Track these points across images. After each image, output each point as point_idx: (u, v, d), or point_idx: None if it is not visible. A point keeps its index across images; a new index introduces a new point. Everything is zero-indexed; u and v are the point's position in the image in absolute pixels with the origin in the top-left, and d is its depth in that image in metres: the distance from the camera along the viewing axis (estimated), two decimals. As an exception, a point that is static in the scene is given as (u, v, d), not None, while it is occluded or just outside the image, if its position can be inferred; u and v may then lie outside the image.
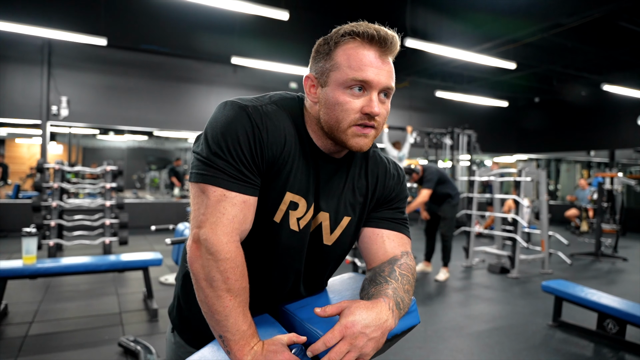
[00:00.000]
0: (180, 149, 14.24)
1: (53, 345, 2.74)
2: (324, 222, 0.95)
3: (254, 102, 0.86)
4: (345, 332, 0.74)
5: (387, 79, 0.84)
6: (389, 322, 0.79)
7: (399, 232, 1.01)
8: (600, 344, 3.02)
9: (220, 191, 0.80)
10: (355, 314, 0.76)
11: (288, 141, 0.87)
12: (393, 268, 0.92)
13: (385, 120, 0.89)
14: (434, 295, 4.24)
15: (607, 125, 11.24)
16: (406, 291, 0.88)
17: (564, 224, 10.36)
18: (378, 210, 1.01)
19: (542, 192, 5.56)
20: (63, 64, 7.68)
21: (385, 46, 0.83)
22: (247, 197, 0.82)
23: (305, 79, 0.91)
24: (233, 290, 0.79)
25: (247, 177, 0.82)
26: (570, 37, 7.56)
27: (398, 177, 1.04)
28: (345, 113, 0.84)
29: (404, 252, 0.98)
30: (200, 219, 0.80)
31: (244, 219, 0.82)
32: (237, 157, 0.80)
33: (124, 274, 4.55)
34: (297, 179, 0.89)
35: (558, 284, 3.38)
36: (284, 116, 0.88)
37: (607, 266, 5.92)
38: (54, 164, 5.35)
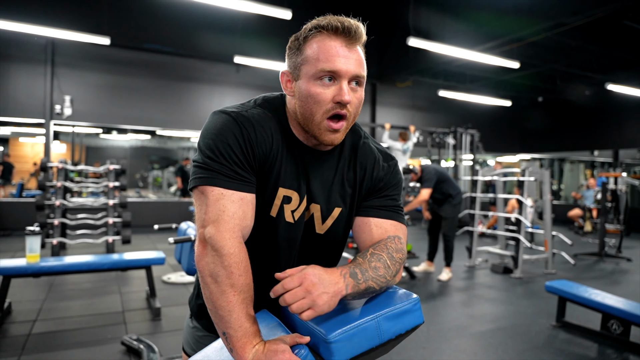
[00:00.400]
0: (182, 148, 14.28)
1: (56, 344, 2.74)
2: (316, 214, 0.99)
3: (239, 109, 0.93)
4: (304, 279, 0.79)
5: (355, 67, 0.87)
6: (339, 285, 0.82)
7: (388, 219, 1.01)
8: (604, 345, 3.00)
9: (218, 190, 0.85)
10: (315, 269, 0.81)
11: (275, 139, 0.92)
12: (367, 249, 0.93)
13: (357, 109, 0.91)
14: (437, 295, 4.23)
15: (611, 125, 11.20)
16: (373, 267, 0.89)
17: (567, 224, 10.32)
18: (368, 199, 1.03)
19: (546, 192, 5.54)
20: (66, 63, 7.70)
21: (349, 35, 0.86)
22: (244, 194, 0.87)
23: (281, 75, 0.96)
24: (236, 286, 0.82)
25: (242, 175, 0.87)
26: (574, 36, 7.54)
27: (388, 167, 1.04)
28: (317, 105, 0.88)
29: (390, 236, 0.98)
30: (203, 218, 0.85)
31: (243, 215, 0.86)
32: (229, 158, 0.86)
33: (126, 273, 4.55)
34: (287, 174, 0.94)
35: (562, 284, 3.36)
36: (269, 117, 0.94)
37: (611, 266, 5.89)
38: (58, 163, 5.37)
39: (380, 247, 0.94)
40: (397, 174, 1.06)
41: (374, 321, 0.88)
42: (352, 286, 0.85)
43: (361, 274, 0.87)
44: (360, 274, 0.87)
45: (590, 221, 9.11)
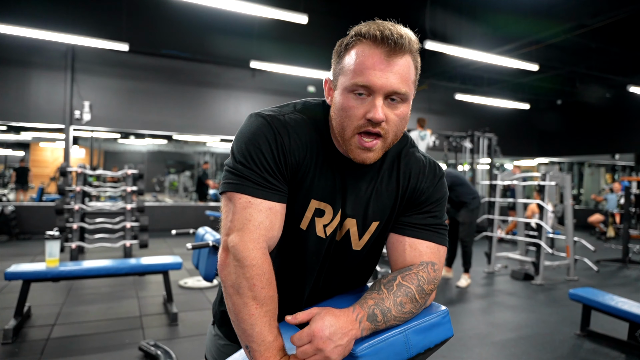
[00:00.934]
0: (198, 153, 14.40)
1: (75, 348, 2.76)
2: (352, 229, 0.93)
3: (277, 112, 0.88)
4: (314, 336, 0.74)
5: (394, 82, 0.79)
6: (353, 331, 0.77)
7: (426, 239, 0.93)
8: (631, 355, 2.89)
9: (246, 198, 0.81)
10: (324, 320, 0.76)
11: (310, 148, 0.87)
12: (395, 277, 0.87)
13: (398, 127, 0.83)
14: (456, 301, 4.15)
15: (632, 128, 10.93)
16: (399, 303, 0.83)
17: (587, 229, 10.08)
18: (406, 214, 0.95)
19: (567, 197, 5.41)
20: (86, 69, 7.84)
21: (390, 46, 0.78)
22: (273, 203, 0.83)
23: (324, 82, 0.91)
24: (259, 298, 0.79)
25: (272, 184, 0.83)
26: (594, 38, 7.39)
27: (433, 177, 0.96)
28: (348, 120, 0.82)
29: (423, 262, 0.91)
30: (229, 226, 0.82)
31: (270, 226, 0.82)
32: (260, 165, 0.82)
33: (144, 277, 4.58)
34: (321, 186, 0.88)
35: (586, 292, 3.26)
36: (306, 124, 0.88)
37: (636, 273, 5.72)
38: (77, 168, 5.45)
39: (410, 276, 0.87)
40: (443, 188, 0.98)
41: (402, 335, 0.84)
42: (369, 329, 0.80)
43: (382, 315, 0.81)
44: (381, 315, 0.81)
45: (613, 226, 8.88)
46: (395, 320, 0.83)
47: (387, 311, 0.82)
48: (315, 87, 9.51)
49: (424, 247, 0.93)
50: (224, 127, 8.98)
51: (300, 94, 9.43)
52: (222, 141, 10.51)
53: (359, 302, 0.82)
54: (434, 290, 0.91)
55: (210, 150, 13.95)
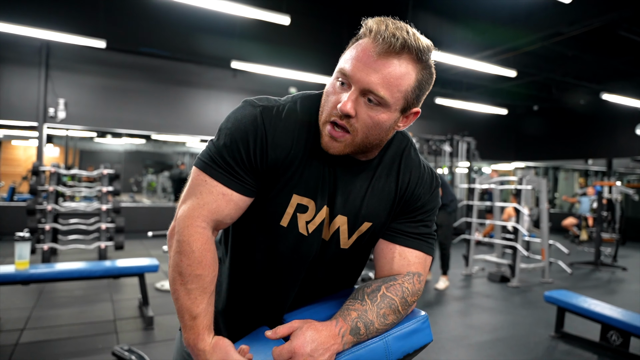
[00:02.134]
0: (178, 153, 14.18)
1: (45, 354, 2.66)
2: (342, 227, 0.90)
3: (272, 102, 0.86)
4: (295, 352, 0.74)
5: (372, 81, 0.74)
6: (335, 346, 0.77)
7: (416, 249, 0.92)
8: (604, 356, 2.97)
9: (203, 177, 0.83)
10: (305, 335, 0.76)
11: (297, 143, 0.84)
12: (380, 287, 0.85)
13: (370, 130, 0.79)
14: (434, 304, 4.19)
15: (605, 134, 11.27)
16: (382, 315, 0.82)
17: (562, 232, 10.34)
18: (399, 220, 0.93)
19: (543, 201, 5.53)
20: (61, 66, 7.63)
21: (385, 42, 0.74)
22: (229, 191, 0.83)
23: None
24: (184, 275, 0.80)
25: (237, 173, 0.82)
26: (570, 46, 7.58)
27: (430, 185, 0.94)
28: (326, 105, 0.82)
29: (409, 272, 0.89)
30: (182, 198, 0.86)
31: (216, 209, 0.82)
32: (231, 153, 0.82)
33: (119, 280, 4.48)
34: (305, 180, 0.85)
35: (560, 294, 3.33)
36: (299, 119, 0.85)
37: (607, 275, 5.89)
38: (50, 167, 5.29)
39: (394, 287, 0.86)
40: (437, 197, 0.96)
41: (382, 341, 0.83)
42: (351, 343, 0.80)
43: (365, 328, 0.81)
44: (364, 328, 0.81)
45: (587, 230, 9.12)
46: (377, 332, 0.83)
47: (369, 324, 0.81)
48: (296, 88, 9.49)
49: (413, 256, 0.91)
50: (204, 128, 8.86)
51: (282, 96, 9.33)
52: (202, 141, 10.38)
53: (341, 313, 0.81)
54: (417, 300, 0.90)
55: (189, 150, 13.76)
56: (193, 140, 10.45)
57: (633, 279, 5.73)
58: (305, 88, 9.29)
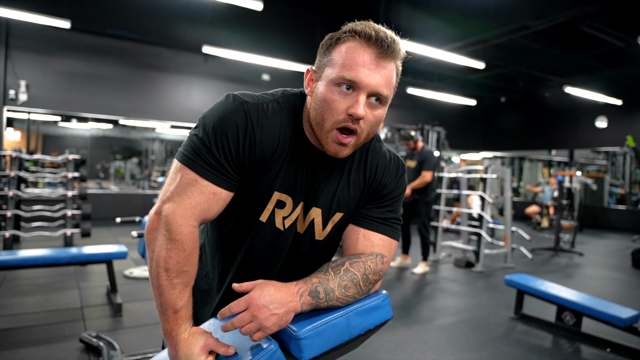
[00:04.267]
0: (147, 139, 13.85)
1: (9, 342, 2.61)
2: (317, 219, 0.95)
3: (256, 100, 0.88)
4: (250, 303, 0.79)
5: (379, 84, 0.81)
6: (293, 303, 0.81)
7: (380, 232, 0.97)
8: (558, 335, 3.15)
9: (193, 175, 0.83)
10: (263, 289, 0.80)
11: (282, 142, 0.88)
12: (344, 262, 0.91)
13: (372, 127, 0.86)
14: (402, 287, 4.31)
15: (567, 126, 11.73)
16: (343, 286, 0.87)
17: (525, 220, 10.75)
18: (367, 206, 0.99)
19: (507, 189, 5.73)
20: (22, 46, 7.30)
21: (382, 48, 0.81)
22: (219, 189, 0.84)
23: (306, 71, 0.91)
24: (170, 271, 0.82)
25: (226, 171, 0.84)
26: (536, 40, 7.81)
27: (396, 173, 1.00)
28: (329, 112, 0.83)
29: (373, 253, 0.95)
30: (168, 194, 0.84)
31: (207, 209, 0.85)
32: (221, 150, 0.83)
33: (86, 268, 4.39)
34: (286, 178, 0.90)
35: (520, 278, 3.50)
36: (283, 115, 0.89)
37: (565, 261, 6.19)
38: (11, 152, 5.09)
39: (357, 264, 0.91)
40: (403, 184, 1.02)
41: (343, 317, 0.88)
42: (310, 304, 0.84)
43: (324, 293, 0.85)
44: (324, 293, 0.85)
45: (547, 217, 9.52)
46: (337, 301, 0.87)
47: (330, 291, 0.85)
48: (269, 75, 9.41)
49: (376, 239, 0.96)
50: (175, 113, 8.69)
51: (254, 82, 9.30)
52: (173, 127, 10.18)
53: (303, 279, 0.86)
54: (379, 280, 0.95)
55: (159, 136, 13.46)
56: (163, 126, 10.23)
57: (589, 263, 6.05)
58: (277, 75, 9.24)
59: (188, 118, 8.79)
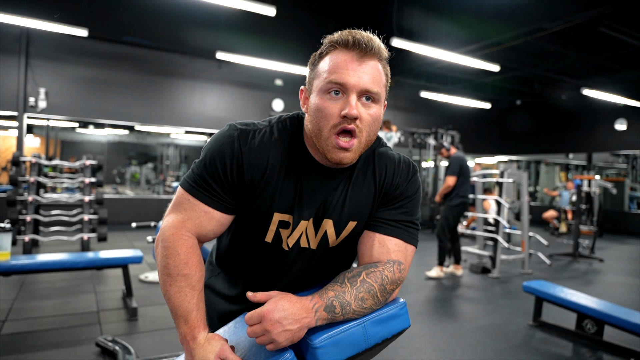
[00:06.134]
0: (162, 144, 14.02)
1: (27, 345, 2.65)
2: (329, 230, 0.96)
3: (250, 127, 0.93)
4: (264, 317, 0.78)
5: (366, 82, 0.83)
6: (307, 319, 0.80)
7: (395, 237, 0.95)
8: (579, 344, 3.07)
9: (187, 195, 0.91)
10: (277, 303, 0.80)
11: (272, 162, 0.90)
12: (360, 273, 0.89)
13: (371, 127, 0.87)
14: (417, 293, 4.26)
15: (585, 129, 11.51)
16: (360, 298, 0.85)
17: (542, 225, 10.56)
18: (380, 209, 0.97)
19: (524, 194, 5.64)
20: (42, 54, 7.46)
21: (361, 48, 0.83)
22: (210, 209, 0.90)
23: (300, 91, 0.94)
24: (172, 275, 0.86)
25: (217, 193, 0.90)
26: (552, 42, 7.70)
27: (407, 172, 0.98)
28: (324, 119, 0.84)
29: (390, 260, 0.92)
30: (166, 213, 0.94)
31: (199, 224, 0.90)
32: (213, 174, 0.89)
33: (102, 272, 4.44)
34: (284, 198, 0.91)
35: (538, 285, 3.42)
36: (274, 137, 0.92)
37: (585, 267, 6.05)
38: (31, 157, 5.19)
39: (374, 274, 0.89)
40: (416, 183, 0.99)
41: (360, 326, 0.86)
42: (325, 320, 0.82)
43: (340, 307, 0.83)
44: (340, 307, 0.83)
45: (566, 222, 9.34)
46: (354, 314, 0.85)
47: (346, 304, 0.83)
48: (282, 80, 9.45)
49: (392, 244, 0.94)
50: (189, 119, 8.79)
51: (267, 87, 9.36)
52: (187, 133, 10.28)
53: (319, 292, 0.84)
54: (397, 290, 0.93)
55: (174, 142, 13.61)
56: (177, 131, 10.34)
57: (609, 270, 5.91)
58: (290, 80, 9.28)
59: (202, 123, 8.88)
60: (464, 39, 7.67)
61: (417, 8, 8.44)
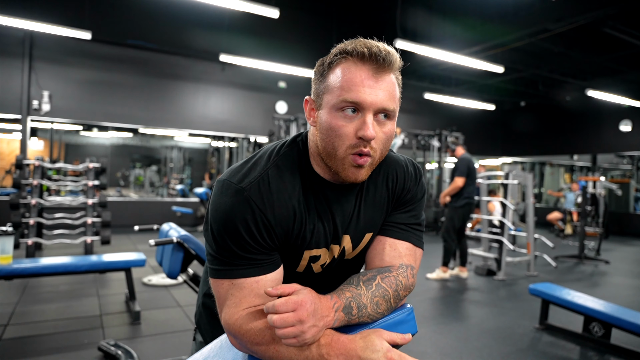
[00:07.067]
0: (166, 147, 14.04)
1: (29, 349, 2.63)
2: (347, 245, 0.94)
3: (252, 177, 0.83)
4: (300, 306, 0.72)
5: (383, 100, 0.78)
6: (328, 318, 0.76)
7: (405, 240, 0.94)
8: (586, 347, 3.03)
9: (228, 282, 0.82)
10: (310, 295, 0.75)
11: (297, 209, 0.85)
12: (375, 276, 0.87)
13: (385, 145, 0.83)
14: (421, 295, 4.23)
15: (590, 130, 11.44)
16: (375, 303, 0.83)
17: (547, 227, 10.49)
18: (391, 213, 0.96)
19: (529, 195, 5.60)
20: (45, 57, 7.49)
21: (378, 63, 0.77)
22: (258, 277, 0.82)
23: (305, 102, 0.88)
24: (264, 343, 0.78)
25: (256, 259, 0.82)
26: (556, 43, 7.66)
27: (415, 176, 0.98)
28: (339, 139, 0.80)
29: (402, 265, 0.91)
30: (219, 308, 0.85)
31: (255, 294, 0.82)
32: (242, 247, 0.80)
33: (105, 275, 4.43)
34: (314, 235, 0.88)
35: (545, 287, 3.38)
36: (287, 178, 0.86)
37: (590, 269, 6.00)
38: (34, 160, 5.20)
39: (389, 279, 0.87)
40: (424, 186, 1.00)
41: (368, 332, 0.84)
42: (342, 321, 0.80)
43: (357, 309, 0.81)
44: (357, 309, 0.81)
45: (571, 224, 9.27)
46: (368, 318, 0.83)
47: (363, 307, 0.82)
48: (286, 82, 9.45)
49: (403, 248, 0.93)
50: (193, 121, 8.79)
51: (271, 89, 9.35)
52: (191, 135, 10.30)
53: (336, 292, 0.82)
54: (408, 294, 0.92)
55: (178, 144, 13.63)
56: (181, 134, 10.36)
57: (615, 272, 5.85)
58: (294, 82, 9.27)
59: (206, 126, 8.88)
60: (468, 40, 7.64)
61: (421, 9, 8.42)
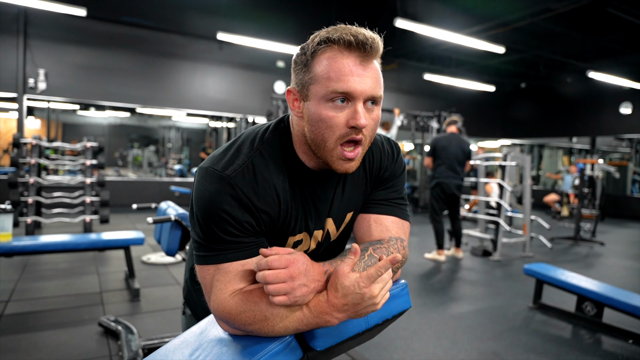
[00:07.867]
0: (163, 127, 13.97)
1: (30, 325, 2.67)
2: (331, 228, 0.96)
3: (236, 165, 0.82)
4: (293, 263, 0.73)
5: (371, 88, 0.78)
6: (319, 283, 0.76)
7: (389, 214, 0.96)
8: (578, 326, 3.08)
9: (214, 267, 0.81)
10: (303, 256, 0.76)
11: (282, 197, 0.85)
12: (367, 247, 0.87)
13: (373, 131, 0.83)
14: (418, 276, 4.28)
15: (589, 113, 11.39)
16: None
17: (544, 209, 10.55)
18: (371, 192, 0.98)
19: (526, 177, 5.61)
20: (40, 34, 7.38)
21: (365, 51, 0.77)
22: (245, 261, 0.81)
23: (287, 92, 0.86)
24: (257, 322, 0.77)
25: (243, 242, 0.81)
26: (559, 23, 7.55)
27: (392, 153, 0.99)
28: (330, 130, 0.79)
29: (392, 237, 0.92)
30: (206, 296, 0.84)
31: (242, 277, 0.81)
32: (228, 232, 0.79)
33: (104, 253, 4.47)
34: (298, 222, 0.89)
35: (539, 267, 3.43)
36: (272, 166, 0.85)
37: (586, 250, 6.06)
38: (32, 139, 5.18)
39: (381, 250, 0.87)
40: (402, 162, 1.01)
41: (360, 306, 0.85)
42: None
43: None
44: None
45: (568, 206, 9.32)
46: None
47: None
48: (284, 62, 9.34)
49: (389, 222, 0.95)
50: (190, 101, 8.72)
51: (269, 69, 9.26)
52: (189, 115, 10.23)
53: (329, 261, 0.82)
54: (400, 268, 0.93)
55: (176, 124, 13.57)
56: (179, 113, 10.29)
57: (610, 253, 5.91)
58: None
59: (203, 106, 8.82)
60: (469, 20, 7.53)
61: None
